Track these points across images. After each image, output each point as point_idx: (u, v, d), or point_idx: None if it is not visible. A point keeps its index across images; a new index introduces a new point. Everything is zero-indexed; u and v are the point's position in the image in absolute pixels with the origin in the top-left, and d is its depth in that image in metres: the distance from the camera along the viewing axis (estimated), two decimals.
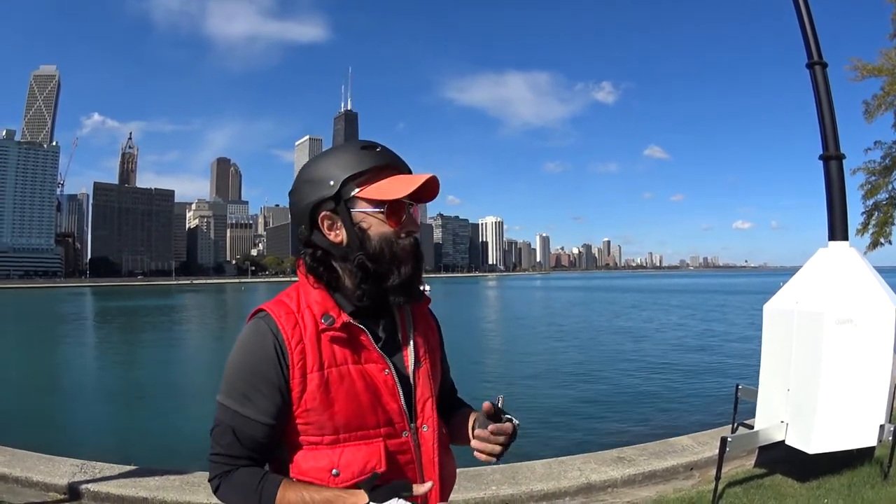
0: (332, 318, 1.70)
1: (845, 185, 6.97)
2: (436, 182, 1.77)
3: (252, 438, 1.68)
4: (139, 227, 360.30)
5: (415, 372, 1.82)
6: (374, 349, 1.74)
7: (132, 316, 60.77)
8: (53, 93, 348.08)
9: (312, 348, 1.68)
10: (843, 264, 6.48)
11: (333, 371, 1.68)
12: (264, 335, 1.69)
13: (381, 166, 1.74)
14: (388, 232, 1.72)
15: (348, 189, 1.72)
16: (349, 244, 1.73)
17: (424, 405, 1.82)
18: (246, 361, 1.70)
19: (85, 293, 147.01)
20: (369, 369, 1.72)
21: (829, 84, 7.08)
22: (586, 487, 6.28)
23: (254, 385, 1.67)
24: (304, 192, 1.77)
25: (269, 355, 1.66)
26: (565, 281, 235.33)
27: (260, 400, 1.67)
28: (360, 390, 1.70)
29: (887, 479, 6.03)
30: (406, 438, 1.77)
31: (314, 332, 1.69)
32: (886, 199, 19.40)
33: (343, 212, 1.73)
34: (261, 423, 1.67)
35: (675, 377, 21.05)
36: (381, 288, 1.73)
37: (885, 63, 17.82)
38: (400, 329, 1.86)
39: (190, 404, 18.10)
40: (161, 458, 9.88)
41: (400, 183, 1.73)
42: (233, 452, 1.69)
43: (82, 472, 6.11)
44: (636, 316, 53.11)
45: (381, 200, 1.71)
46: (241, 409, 1.68)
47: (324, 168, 1.75)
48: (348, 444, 1.69)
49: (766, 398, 6.61)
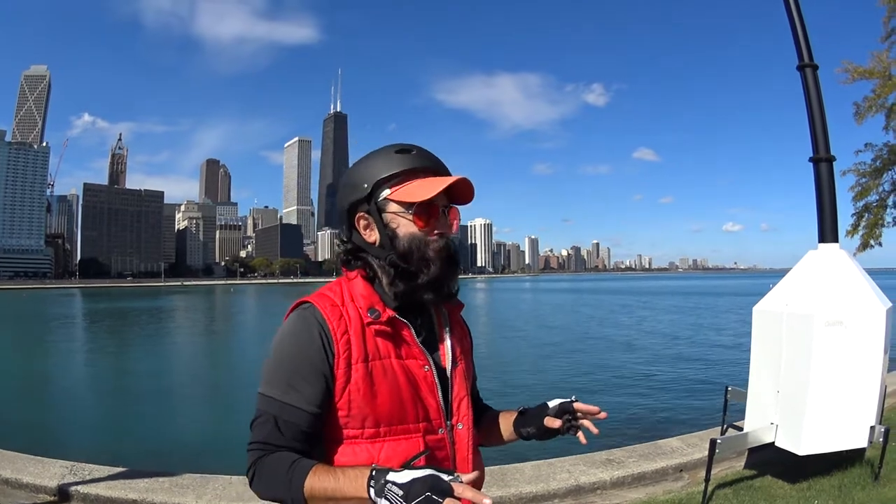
0: (378, 312, 1.74)
1: (835, 188, 6.98)
2: (467, 184, 1.83)
3: (295, 427, 1.68)
4: (128, 228, 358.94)
5: (452, 371, 1.88)
6: (417, 345, 1.79)
7: (122, 318, 60.47)
8: (44, 93, 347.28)
9: (357, 340, 1.71)
10: (832, 266, 6.49)
11: (377, 364, 1.72)
12: (310, 325, 1.72)
13: (415, 169, 1.80)
14: (416, 232, 1.78)
15: (380, 191, 1.79)
16: (381, 244, 1.80)
17: (460, 404, 1.87)
18: (291, 350, 1.72)
19: (75, 294, 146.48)
20: (410, 365, 1.77)
21: (819, 86, 7.11)
22: (575, 489, 6.26)
23: (299, 373, 1.69)
24: (343, 194, 1.85)
25: (316, 344, 1.69)
26: (554, 283, 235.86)
27: (305, 388, 1.68)
28: (402, 384, 1.74)
29: (878, 481, 6.04)
30: (442, 435, 1.81)
31: (359, 324, 1.73)
32: (876, 201, 19.52)
33: (375, 213, 1.80)
34: (305, 411, 1.68)
35: (664, 379, 21.08)
36: (412, 286, 1.78)
37: (876, 65, 17.91)
38: (437, 329, 1.92)
39: (180, 406, 18.20)
40: (150, 460, 9.88)
41: (428, 185, 1.78)
42: (272, 441, 1.68)
43: (72, 474, 6.08)
44: (625, 318, 53.18)
45: (410, 202, 1.77)
46: (285, 398, 1.68)
47: (359, 172, 1.82)
48: (388, 439, 1.72)
49: (755, 400, 6.60)
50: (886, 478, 6.12)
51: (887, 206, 19.53)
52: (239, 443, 6.91)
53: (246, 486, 5.55)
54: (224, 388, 21.83)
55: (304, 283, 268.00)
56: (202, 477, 6.17)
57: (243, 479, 6.11)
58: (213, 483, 6.01)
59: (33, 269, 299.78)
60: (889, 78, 17.67)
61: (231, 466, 8.15)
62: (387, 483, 1.46)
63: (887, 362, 6.40)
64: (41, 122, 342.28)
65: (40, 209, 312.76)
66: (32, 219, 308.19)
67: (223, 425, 15.45)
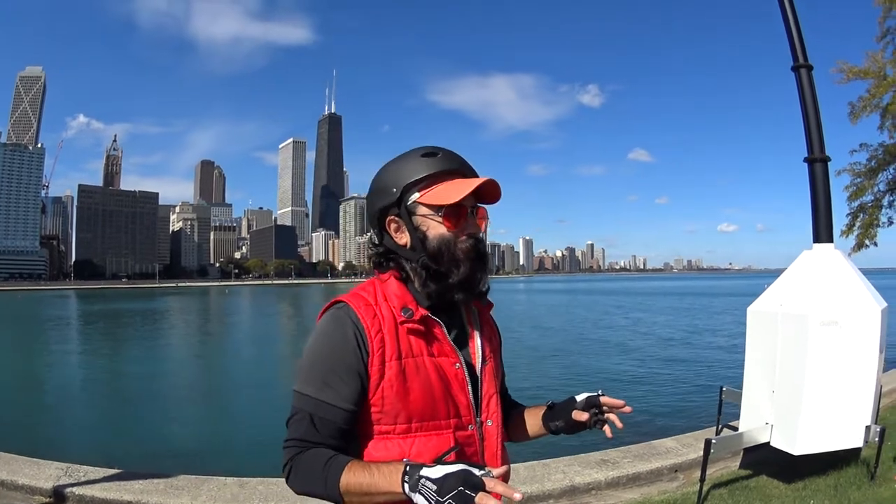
0: (412, 311, 1.79)
1: (830, 188, 6.99)
2: (494, 184, 1.87)
3: (331, 424, 1.72)
4: (123, 229, 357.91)
5: (481, 368, 1.92)
6: (448, 343, 1.84)
7: (117, 319, 60.28)
8: (39, 94, 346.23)
9: (391, 338, 1.76)
10: (827, 266, 6.50)
11: (410, 361, 1.76)
12: (344, 324, 1.77)
13: (442, 171, 1.85)
14: (445, 233, 1.83)
15: (409, 195, 1.83)
16: (413, 246, 1.85)
17: (489, 401, 1.91)
18: (326, 349, 1.77)
19: (69, 296, 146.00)
20: (442, 362, 1.81)
21: (814, 87, 7.12)
22: (570, 490, 6.25)
23: (334, 371, 1.73)
24: (374, 199, 1.90)
25: (350, 342, 1.74)
26: (549, 284, 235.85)
27: (340, 386, 1.73)
28: (433, 381, 1.78)
29: (874, 480, 6.06)
30: (472, 431, 1.85)
31: (393, 323, 1.78)
32: (872, 200, 19.59)
33: (405, 216, 1.85)
34: (340, 408, 1.72)
35: (659, 379, 21.08)
36: (444, 286, 1.83)
37: (871, 65, 17.97)
38: (468, 328, 1.96)
39: (174, 408, 18.14)
40: (145, 462, 9.87)
41: (455, 187, 1.82)
42: (308, 438, 1.72)
43: (67, 476, 6.06)
44: (620, 318, 53.15)
45: (439, 205, 1.82)
46: (321, 395, 1.73)
47: (388, 177, 1.87)
48: (420, 434, 1.77)
49: (750, 400, 6.61)
50: (882, 477, 6.13)
51: (882, 206, 19.59)
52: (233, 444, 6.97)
53: (241, 488, 5.53)
54: (219, 390, 21.86)
55: (298, 285, 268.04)
56: (197, 478, 6.15)
57: (238, 481, 6.12)
58: (208, 484, 5.99)
59: (28, 271, 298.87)
60: (884, 78, 17.74)
61: (226, 468, 8.13)
62: (420, 478, 1.50)
63: (883, 362, 6.42)
64: (36, 124, 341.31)
65: (35, 210, 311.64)
66: (27, 220, 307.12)
67: (218, 427, 15.48)
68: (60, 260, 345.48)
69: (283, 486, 5.97)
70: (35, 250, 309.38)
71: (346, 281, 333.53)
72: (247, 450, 12.52)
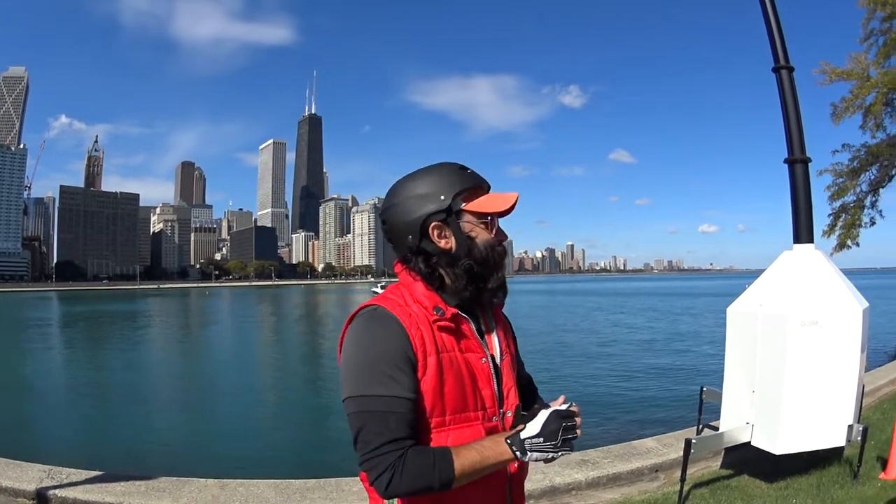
0: (443, 310, 1.88)
1: (811, 188, 7.03)
2: (517, 200, 2.00)
3: (407, 417, 1.76)
4: (104, 230, 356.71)
5: (500, 362, 2.02)
6: (476, 338, 1.94)
7: (98, 322, 60.21)
8: (22, 94, 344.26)
9: (428, 335, 1.83)
10: (807, 266, 6.53)
11: (445, 356, 1.84)
12: (387, 321, 1.83)
13: (475, 185, 1.97)
14: (491, 240, 1.96)
15: (456, 203, 1.93)
16: (457, 250, 1.93)
17: (509, 392, 2.01)
18: (379, 346, 1.80)
19: (51, 298, 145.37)
20: (471, 357, 1.91)
21: (795, 88, 7.16)
22: (550, 490, 6.26)
23: (395, 365, 1.77)
24: (412, 205, 1.93)
25: (400, 337, 1.80)
26: (529, 285, 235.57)
27: (403, 378, 1.77)
28: (465, 375, 1.87)
29: (857, 479, 6.09)
30: (496, 423, 1.93)
31: (427, 321, 1.86)
32: (854, 201, 19.71)
33: (453, 223, 1.93)
34: (409, 399, 1.77)
35: (639, 379, 21.19)
36: (481, 288, 1.94)
37: (854, 67, 18.12)
38: (484, 325, 2.05)
39: (156, 410, 18.19)
40: (127, 464, 9.87)
41: (497, 199, 1.98)
42: (400, 436, 1.74)
43: (50, 478, 6.04)
44: (600, 319, 53.37)
45: (485, 213, 1.95)
46: (389, 392, 1.75)
47: (430, 184, 1.94)
48: (453, 428, 1.84)
49: (730, 400, 6.64)
50: (866, 476, 6.17)
51: (865, 206, 19.74)
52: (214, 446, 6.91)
53: (221, 489, 5.49)
54: (199, 392, 21.83)
55: (278, 286, 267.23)
56: (178, 480, 6.14)
57: (218, 482, 6.11)
58: (189, 486, 5.98)
59: (10, 272, 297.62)
60: (868, 79, 17.88)
61: (206, 469, 8.10)
62: (524, 441, 1.75)
63: (865, 361, 6.45)
64: (19, 124, 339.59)
65: (17, 212, 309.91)
66: (10, 221, 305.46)
67: (199, 429, 15.48)
68: (42, 261, 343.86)
69: (263, 488, 5.99)
70: (17, 252, 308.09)
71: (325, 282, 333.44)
72: (227, 452, 12.51)
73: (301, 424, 16.26)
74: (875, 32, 18.22)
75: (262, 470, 9.51)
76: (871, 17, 18.12)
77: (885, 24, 17.95)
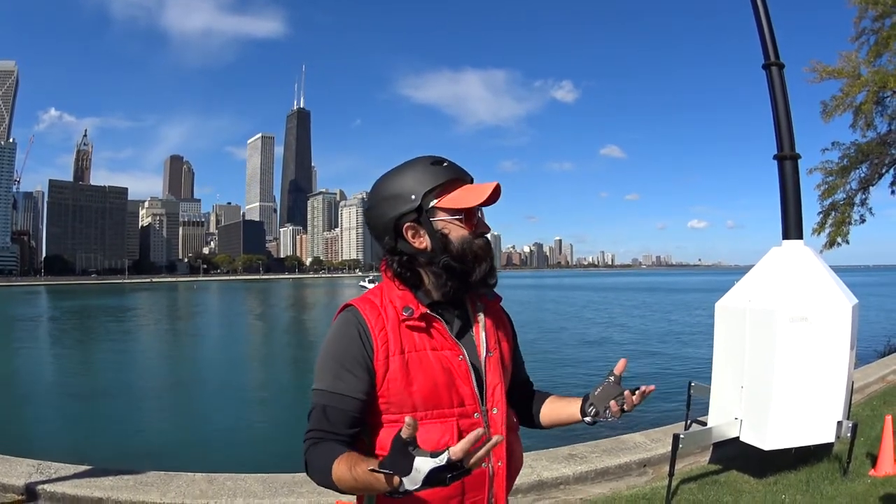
0: (412, 310, 1.94)
1: (800, 185, 7.05)
2: (499, 189, 2.01)
3: (342, 413, 1.87)
4: (93, 224, 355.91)
5: (486, 360, 2.04)
6: (449, 337, 1.97)
7: (87, 316, 60.04)
8: (12, 88, 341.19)
9: (394, 335, 1.91)
10: (796, 262, 6.55)
11: (413, 355, 1.91)
12: (350, 324, 1.94)
13: (451, 179, 1.97)
14: (466, 235, 1.96)
15: (427, 201, 1.94)
16: (433, 249, 1.95)
17: (494, 390, 2.03)
18: (334, 347, 1.94)
19: (40, 292, 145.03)
20: (444, 355, 1.94)
21: (785, 85, 7.18)
22: (538, 485, 6.27)
23: (343, 365, 1.89)
24: (385, 207, 1.98)
25: (355, 339, 1.90)
26: (517, 279, 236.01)
27: (349, 378, 1.88)
28: (436, 373, 1.91)
29: (846, 475, 6.12)
30: (477, 420, 1.96)
31: (396, 321, 1.93)
32: (844, 199, 19.79)
33: (425, 221, 1.95)
34: (351, 397, 1.87)
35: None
36: (465, 284, 1.97)
37: (845, 65, 18.18)
38: (473, 322, 2.08)
39: (144, 405, 18.25)
40: (115, 458, 9.86)
41: (471, 192, 1.98)
42: (320, 427, 1.86)
43: (38, 473, 6.03)
44: (588, 313, 53.51)
45: (458, 209, 1.95)
46: (332, 388, 1.88)
47: (401, 184, 1.96)
48: (425, 422, 1.87)
49: (718, 395, 6.66)
50: (855, 472, 6.21)
51: (855, 203, 19.82)
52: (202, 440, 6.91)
53: (209, 483, 5.51)
54: (187, 387, 21.88)
55: (266, 280, 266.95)
56: (166, 474, 6.13)
57: (207, 476, 6.11)
58: (177, 480, 5.97)
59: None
60: (858, 77, 17.94)
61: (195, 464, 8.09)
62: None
63: (854, 358, 6.47)
64: (8, 118, 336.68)
65: (6, 206, 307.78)
66: None
67: (186, 423, 15.52)
68: (31, 255, 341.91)
69: (250, 482, 5.99)
70: (6, 246, 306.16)
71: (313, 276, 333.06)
72: (215, 446, 12.53)
73: (288, 419, 16.23)
74: (867, 31, 18.30)
75: (250, 464, 9.53)
76: (863, 16, 18.21)
77: (876, 23, 18.06)
